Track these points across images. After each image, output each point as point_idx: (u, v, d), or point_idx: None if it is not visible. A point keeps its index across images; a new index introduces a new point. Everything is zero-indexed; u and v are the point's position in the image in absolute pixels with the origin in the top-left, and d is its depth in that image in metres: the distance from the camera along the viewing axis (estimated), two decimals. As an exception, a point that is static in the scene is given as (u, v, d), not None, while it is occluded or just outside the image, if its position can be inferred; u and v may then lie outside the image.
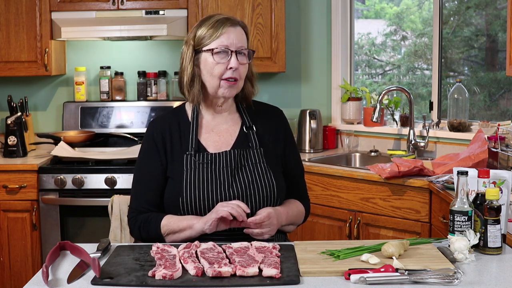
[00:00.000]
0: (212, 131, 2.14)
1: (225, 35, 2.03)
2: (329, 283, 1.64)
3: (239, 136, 2.13)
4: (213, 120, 2.15)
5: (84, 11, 3.88)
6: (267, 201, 2.05)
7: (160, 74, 4.23)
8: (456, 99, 3.63)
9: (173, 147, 2.11)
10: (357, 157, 3.97)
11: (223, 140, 2.12)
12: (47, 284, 1.64)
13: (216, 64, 2.03)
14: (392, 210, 3.17)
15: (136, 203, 2.13)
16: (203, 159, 2.07)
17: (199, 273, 1.68)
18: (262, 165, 2.09)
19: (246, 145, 2.11)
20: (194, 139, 2.09)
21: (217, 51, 2.03)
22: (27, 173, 3.62)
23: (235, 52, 2.04)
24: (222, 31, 2.03)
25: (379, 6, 5.58)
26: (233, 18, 2.09)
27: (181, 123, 2.14)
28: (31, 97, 4.25)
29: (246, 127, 2.14)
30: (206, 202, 2.02)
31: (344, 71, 4.21)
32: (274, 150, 2.14)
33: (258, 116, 2.18)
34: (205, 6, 3.87)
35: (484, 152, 2.97)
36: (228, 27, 2.04)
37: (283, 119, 2.23)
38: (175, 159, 2.09)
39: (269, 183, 2.06)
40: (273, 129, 2.18)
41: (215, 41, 2.03)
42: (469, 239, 1.83)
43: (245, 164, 2.08)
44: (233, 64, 2.03)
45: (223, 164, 2.06)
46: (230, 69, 2.03)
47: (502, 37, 4.06)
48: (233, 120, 2.17)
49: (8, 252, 3.64)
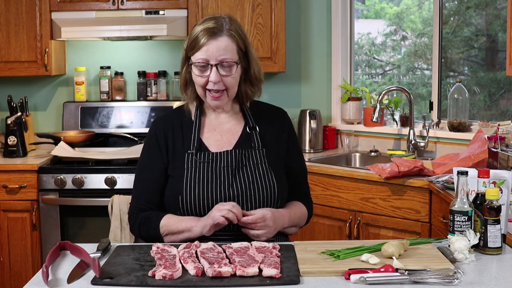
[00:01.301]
0: (215, 130, 2.14)
1: (204, 48, 1.99)
2: (329, 283, 1.64)
3: (242, 136, 2.13)
4: (216, 119, 2.15)
5: (84, 11, 3.88)
6: (268, 202, 2.05)
7: (160, 74, 4.23)
8: (456, 99, 3.63)
9: (175, 146, 2.11)
10: (357, 157, 3.97)
11: (225, 140, 2.12)
12: (47, 284, 1.64)
13: (198, 76, 2.03)
14: (392, 210, 3.17)
15: (137, 201, 2.13)
16: (204, 158, 2.07)
17: (199, 273, 1.68)
18: (264, 166, 2.08)
19: (248, 145, 2.11)
20: (196, 138, 2.09)
21: (197, 65, 2.02)
22: (27, 173, 3.62)
23: (215, 65, 2.00)
24: (201, 43, 1.99)
25: (379, 6, 5.58)
26: (217, 28, 2.01)
27: (183, 122, 2.14)
28: (31, 97, 4.25)
29: (249, 127, 2.14)
30: (206, 201, 2.02)
31: (344, 71, 4.21)
32: (276, 151, 2.14)
33: (261, 116, 2.17)
34: (205, 6, 3.87)
35: (484, 152, 2.97)
36: (208, 40, 1.99)
37: (287, 120, 2.22)
38: (176, 158, 2.09)
39: (270, 183, 2.06)
40: (277, 130, 2.17)
41: (196, 53, 2.01)
42: (469, 239, 1.83)
43: (247, 164, 2.08)
44: (212, 78, 2.00)
45: (224, 164, 2.06)
46: (211, 82, 2.02)
47: (502, 37, 4.06)
48: (236, 119, 2.16)
49: (8, 252, 3.64)
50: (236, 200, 2.02)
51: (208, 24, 2.02)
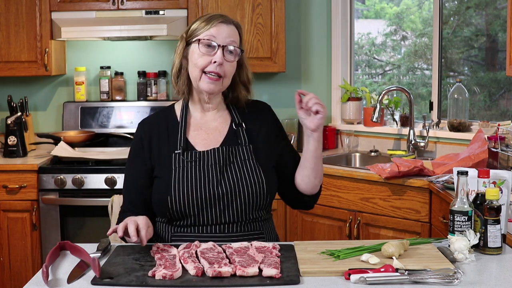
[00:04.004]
0: (201, 129, 2.13)
1: (215, 28, 2.03)
2: (329, 283, 1.64)
3: (228, 133, 2.12)
4: (201, 118, 2.14)
5: (84, 11, 3.88)
6: (256, 198, 2.04)
7: (160, 74, 4.23)
8: (456, 99, 3.63)
9: (160, 147, 2.10)
10: (357, 157, 3.97)
11: (212, 138, 2.11)
12: (47, 284, 1.64)
13: (201, 55, 2.03)
14: (392, 210, 3.17)
15: (123, 202, 2.15)
16: (191, 157, 2.05)
17: (199, 273, 1.68)
18: (251, 162, 2.07)
19: (235, 142, 2.10)
20: (182, 138, 2.09)
21: (204, 42, 2.02)
22: (27, 173, 3.62)
23: (222, 47, 2.03)
24: (213, 24, 2.04)
25: (379, 6, 5.58)
26: (228, 17, 2.09)
27: (169, 122, 2.14)
28: (31, 97, 4.25)
29: (235, 124, 2.13)
30: (194, 200, 2.00)
31: (344, 71, 4.21)
32: (265, 145, 2.13)
33: (247, 112, 2.17)
34: (205, 6, 3.87)
35: (484, 152, 2.97)
36: (220, 22, 2.05)
37: (271, 112, 2.22)
38: (163, 159, 2.08)
39: (258, 179, 2.04)
40: (263, 124, 2.16)
41: (205, 32, 2.03)
42: (469, 239, 1.83)
43: (234, 161, 2.06)
44: (217, 58, 2.01)
45: (211, 162, 2.05)
46: (214, 63, 2.02)
47: (502, 37, 4.06)
48: (222, 117, 2.16)
49: (8, 252, 3.64)
50: (225, 197, 2.01)
51: (217, 13, 2.10)
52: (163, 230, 2.09)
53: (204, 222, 2.02)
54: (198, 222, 2.02)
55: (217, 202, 2.01)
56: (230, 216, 2.02)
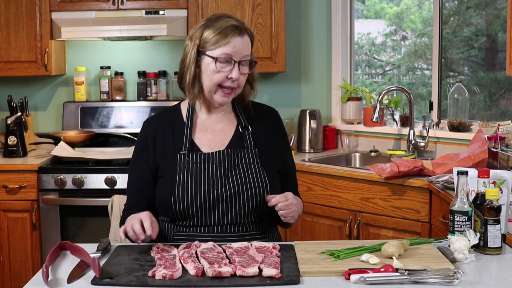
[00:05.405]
0: (207, 130, 2.13)
1: (231, 44, 1.99)
2: (329, 283, 1.64)
3: (234, 136, 2.12)
4: (207, 119, 2.14)
5: (84, 11, 3.88)
6: (260, 201, 2.04)
7: (160, 74, 4.23)
8: (456, 99, 3.63)
9: (165, 147, 2.10)
10: (357, 157, 3.97)
11: (218, 140, 2.11)
12: (47, 284, 1.64)
13: (217, 72, 2.01)
14: (392, 210, 3.17)
15: (127, 201, 2.15)
16: (196, 159, 2.05)
17: (199, 273, 1.68)
18: (256, 165, 2.07)
19: (241, 145, 2.10)
20: (188, 139, 2.08)
21: (221, 60, 2.00)
22: (27, 173, 3.62)
23: (238, 62, 2.01)
24: (229, 39, 1.99)
25: (379, 6, 5.58)
26: (241, 26, 2.03)
27: (174, 122, 2.13)
28: (31, 97, 4.25)
29: (241, 127, 2.13)
30: (198, 201, 2.01)
31: (344, 71, 4.21)
32: (270, 150, 2.13)
33: (254, 116, 2.16)
34: (205, 6, 3.87)
35: (484, 152, 2.97)
36: (236, 37, 2.00)
37: (278, 119, 2.22)
38: (167, 159, 2.08)
39: (262, 183, 2.04)
40: (269, 129, 2.17)
41: (220, 48, 1.99)
42: (469, 239, 1.83)
43: (239, 164, 2.06)
44: (234, 75, 2.01)
45: (216, 164, 2.05)
46: (230, 78, 2.01)
47: (502, 37, 4.06)
48: (229, 119, 2.15)
49: (8, 252, 3.64)
50: (229, 199, 2.02)
51: (232, 21, 2.02)
52: (166, 230, 2.09)
53: (207, 223, 2.02)
54: (201, 223, 2.02)
55: (220, 204, 2.02)
56: (233, 218, 2.02)
